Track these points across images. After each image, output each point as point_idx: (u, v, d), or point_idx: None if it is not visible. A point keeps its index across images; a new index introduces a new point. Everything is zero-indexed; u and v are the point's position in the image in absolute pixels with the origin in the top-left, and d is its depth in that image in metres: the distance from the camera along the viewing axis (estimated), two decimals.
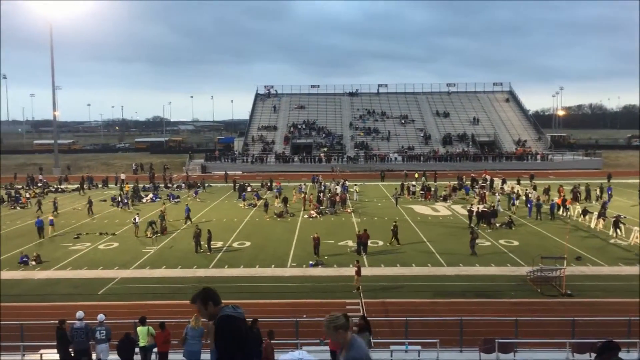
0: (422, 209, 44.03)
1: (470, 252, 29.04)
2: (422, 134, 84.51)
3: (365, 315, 18.45)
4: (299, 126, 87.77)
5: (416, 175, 59.82)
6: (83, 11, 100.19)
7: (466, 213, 38.70)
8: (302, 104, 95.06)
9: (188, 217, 38.91)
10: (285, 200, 43.16)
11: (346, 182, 53.02)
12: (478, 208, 38.57)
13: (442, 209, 43.75)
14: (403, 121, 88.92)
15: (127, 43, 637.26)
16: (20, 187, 58.62)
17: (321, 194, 47.01)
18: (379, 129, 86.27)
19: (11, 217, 42.38)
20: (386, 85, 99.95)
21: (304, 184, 53.77)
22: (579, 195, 45.41)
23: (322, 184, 53.50)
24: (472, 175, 58.37)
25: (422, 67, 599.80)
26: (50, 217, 37.80)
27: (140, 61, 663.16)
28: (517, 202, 43.27)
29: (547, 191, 46.34)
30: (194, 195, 52.48)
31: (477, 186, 52.27)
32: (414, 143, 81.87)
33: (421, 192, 50.14)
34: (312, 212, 41.58)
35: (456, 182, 53.19)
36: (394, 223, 32.94)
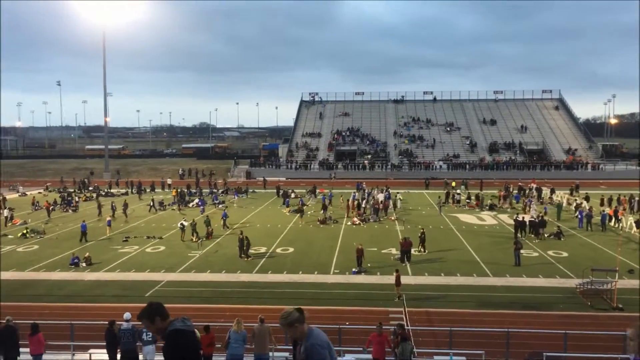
0: (467, 217, 43.39)
1: (514, 262, 28.48)
2: (467, 142, 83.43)
3: (405, 324, 18.28)
4: (343, 133, 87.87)
5: (453, 184, 58.69)
6: (133, 20, 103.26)
7: (513, 223, 37.87)
8: (346, 111, 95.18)
9: (224, 223, 39.42)
10: (324, 208, 43.31)
11: (389, 189, 52.68)
12: (523, 217, 37.70)
13: (488, 218, 43.00)
14: (448, 129, 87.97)
15: (175, 52, 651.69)
16: (72, 190, 60.54)
17: (363, 201, 46.84)
18: (423, 136, 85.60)
19: (64, 220, 43.75)
20: (432, 93, 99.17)
21: (357, 192, 53.55)
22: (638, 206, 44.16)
23: (366, 191, 53.33)
24: (520, 184, 57.19)
25: (467, 75, 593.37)
26: (108, 218, 39.50)
27: (187, 69, 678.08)
28: (548, 209, 43.27)
29: (609, 202, 45.07)
30: (234, 197, 53.57)
31: (531, 196, 51.01)
32: (460, 151, 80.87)
33: (467, 200, 49.45)
34: (355, 219, 41.50)
35: (504, 191, 52.13)
36: (422, 230, 32.74)
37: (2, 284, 26.22)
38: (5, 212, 43.23)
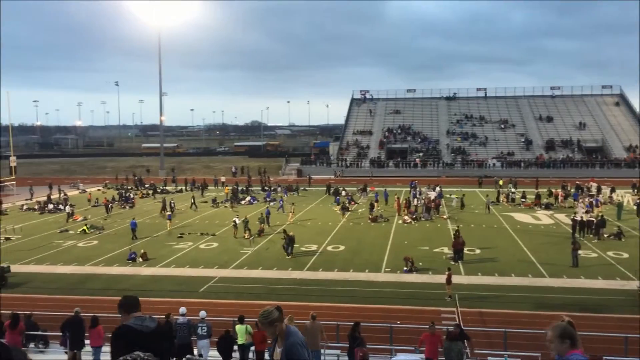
0: (522, 217, 42.36)
1: (571, 263, 27.64)
2: (522, 139, 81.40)
3: (460, 324, 18.03)
4: (394, 131, 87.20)
5: (500, 183, 57.19)
6: (187, 21, 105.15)
7: (570, 222, 36.72)
8: (397, 109, 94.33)
9: (267, 220, 39.30)
10: (371, 206, 43.16)
11: (441, 187, 51.96)
12: (582, 217, 36.51)
13: (544, 218, 41.87)
14: (503, 126, 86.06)
15: (226, 50, 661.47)
16: (129, 187, 62.35)
17: (415, 199, 46.39)
18: (477, 134, 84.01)
19: (121, 216, 45.07)
20: (485, 89, 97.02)
21: (419, 191, 52.93)
22: None
23: (418, 189, 52.71)
24: (577, 182, 55.41)
25: (521, 70, 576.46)
26: (168, 213, 41.44)
27: (239, 68, 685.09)
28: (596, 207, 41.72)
29: None
30: (284, 195, 54.34)
31: (589, 194, 49.27)
32: (514, 149, 79.00)
33: (522, 199, 48.29)
34: (407, 217, 41.14)
35: (561, 190, 50.61)
36: (456, 228, 32.29)
37: (62, 278, 27.37)
38: (67, 209, 44.91)
